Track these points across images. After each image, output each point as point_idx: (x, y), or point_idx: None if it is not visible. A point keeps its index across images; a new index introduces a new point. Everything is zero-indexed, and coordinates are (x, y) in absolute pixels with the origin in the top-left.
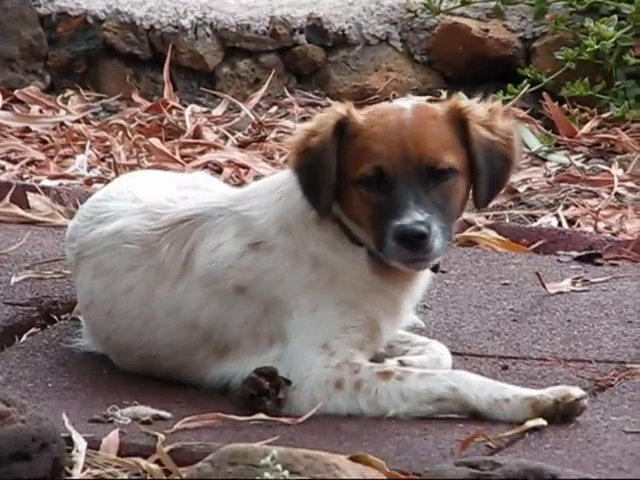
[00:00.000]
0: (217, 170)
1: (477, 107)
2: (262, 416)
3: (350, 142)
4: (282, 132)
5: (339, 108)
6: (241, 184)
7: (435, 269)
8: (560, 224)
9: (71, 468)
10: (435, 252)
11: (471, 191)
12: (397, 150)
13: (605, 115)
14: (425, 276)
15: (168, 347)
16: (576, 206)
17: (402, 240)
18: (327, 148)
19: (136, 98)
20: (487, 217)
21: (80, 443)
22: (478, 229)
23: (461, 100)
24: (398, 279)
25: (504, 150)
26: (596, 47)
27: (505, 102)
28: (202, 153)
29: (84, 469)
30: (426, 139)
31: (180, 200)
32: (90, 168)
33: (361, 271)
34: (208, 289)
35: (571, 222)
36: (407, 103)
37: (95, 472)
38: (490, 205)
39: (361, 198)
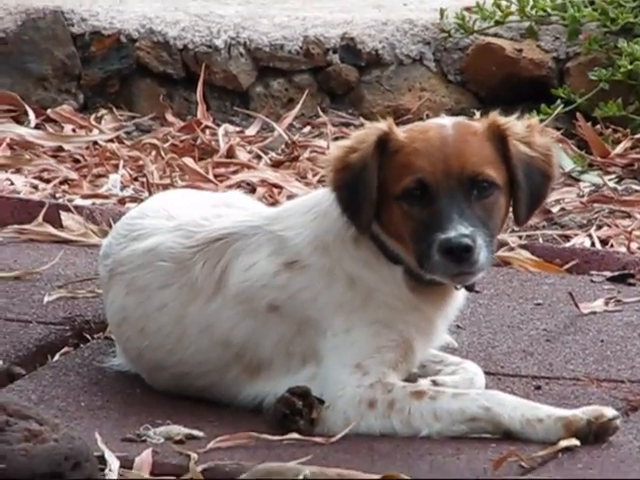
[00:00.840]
0: (250, 190)
1: (516, 123)
2: (295, 435)
3: (391, 158)
4: (315, 152)
5: (380, 124)
6: (274, 204)
7: (471, 288)
8: (593, 244)
9: None
10: (480, 265)
11: (511, 208)
12: (439, 164)
13: (638, 135)
14: (459, 296)
15: (200, 365)
16: (609, 226)
17: (448, 253)
18: (369, 164)
19: (169, 117)
20: (520, 237)
21: (113, 462)
22: (511, 249)
23: (499, 117)
24: (433, 298)
25: (543, 166)
26: (629, 67)
27: (539, 122)
28: (235, 173)
29: None
30: (468, 154)
31: (214, 218)
32: (123, 187)
33: (397, 289)
34: (241, 307)
35: (604, 242)
36: (447, 120)
37: None
38: (528, 222)
39: (403, 213)
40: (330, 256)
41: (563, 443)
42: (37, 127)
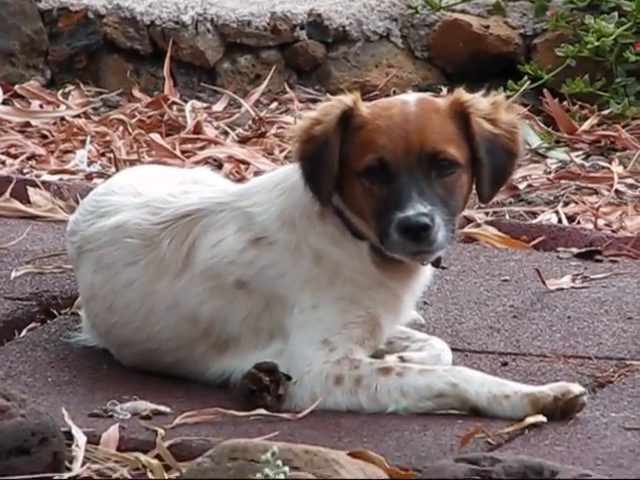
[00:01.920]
0: (217, 166)
1: (480, 100)
2: (262, 411)
3: (354, 134)
4: (282, 128)
5: (346, 99)
6: (241, 180)
7: (437, 264)
8: (560, 221)
9: (71, 463)
10: (438, 244)
11: (475, 185)
12: (400, 142)
13: (605, 112)
14: (426, 272)
15: (168, 341)
16: (576, 203)
17: (405, 232)
18: (330, 138)
19: (136, 93)
20: (487, 214)
21: (80, 438)
22: (478, 225)
23: (464, 93)
24: (400, 274)
25: (507, 143)
26: (596, 44)
27: (506, 98)
28: (202, 149)
29: (84, 464)
30: (429, 131)
31: (181, 195)
32: (90, 163)
33: (363, 265)
34: (209, 284)
35: (571, 219)
36: (411, 97)
37: (95, 467)
38: (493, 200)
39: (364, 190)
40: (296, 232)
41: (530, 419)
42: (4, 103)
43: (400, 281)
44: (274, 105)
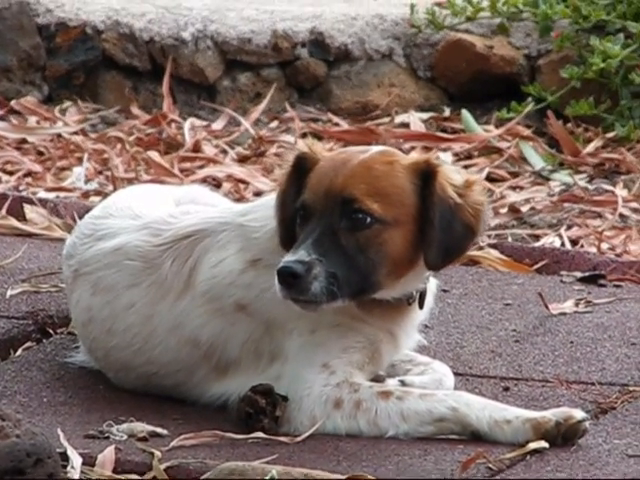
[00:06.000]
0: (216, 185)
1: (452, 170)
2: (260, 434)
3: (307, 178)
4: (282, 147)
5: (304, 144)
6: (240, 199)
7: (421, 305)
8: (563, 244)
9: None
10: (313, 295)
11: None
12: (324, 186)
13: (610, 135)
14: (416, 309)
15: (168, 365)
16: (579, 226)
17: (278, 276)
18: (284, 181)
19: (135, 110)
20: (489, 236)
21: (75, 459)
22: (480, 248)
23: (437, 158)
24: (385, 312)
25: (468, 218)
26: (601, 66)
27: (509, 120)
28: (201, 167)
29: None
30: (355, 180)
31: (182, 215)
32: (88, 181)
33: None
34: (210, 306)
35: (574, 242)
36: (376, 148)
37: None
38: (441, 270)
39: (299, 230)
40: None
41: (531, 445)
42: (1, 119)
43: (383, 319)
44: (274, 124)
